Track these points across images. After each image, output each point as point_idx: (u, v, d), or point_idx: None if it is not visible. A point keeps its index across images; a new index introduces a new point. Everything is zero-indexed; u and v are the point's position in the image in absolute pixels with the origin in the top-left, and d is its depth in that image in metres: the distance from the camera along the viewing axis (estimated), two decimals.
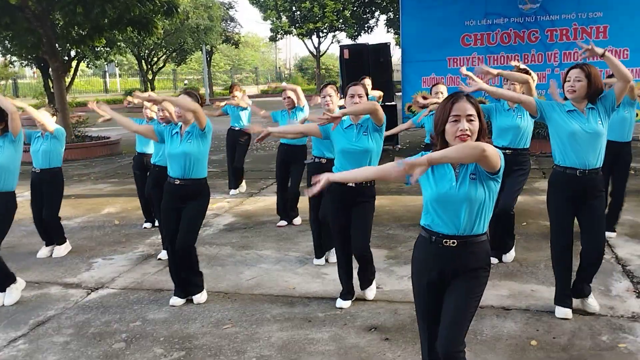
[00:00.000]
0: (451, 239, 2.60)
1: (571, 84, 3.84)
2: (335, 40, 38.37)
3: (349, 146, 4.21)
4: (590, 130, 3.84)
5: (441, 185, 2.60)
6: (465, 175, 2.57)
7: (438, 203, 2.61)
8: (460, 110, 2.52)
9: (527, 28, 12.01)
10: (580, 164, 3.89)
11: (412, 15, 12.57)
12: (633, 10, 11.23)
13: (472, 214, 2.58)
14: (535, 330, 3.91)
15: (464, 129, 2.50)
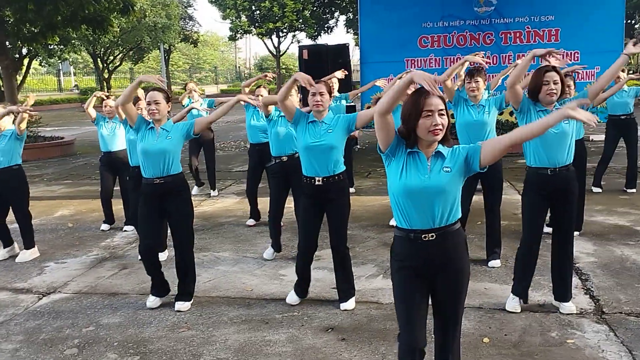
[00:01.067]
0: (430, 233, 2.62)
1: (552, 88, 3.92)
2: (295, 40, 38.35)
3: (312, 142, 4.19)
4: (557, 130, 3.95)
5: (413, 177, 2.62)
6: (440, 167, 2.62)
7: (409, 195, 2.62)
8: (433, 106, 2.57)
9: (483, 30, 12.24)
10: (551, 163, 4.03)
11: (370, 17, 12.66)
12: (583, 15, 11.58)
13: (446, 205, 2.62)
14: (488, 328, 3.99)
15: (437, 124, 2.56)
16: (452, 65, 11.87)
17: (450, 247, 2.65)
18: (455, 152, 2.67)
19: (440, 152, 2.66)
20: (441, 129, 2.59)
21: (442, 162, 2.64)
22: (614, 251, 5.52)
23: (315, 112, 4.28)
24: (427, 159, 2.64)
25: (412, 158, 2.66)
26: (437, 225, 2.62)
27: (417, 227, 2.63)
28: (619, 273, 4.94)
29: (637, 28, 38.53)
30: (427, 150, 2.66)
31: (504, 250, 5.50)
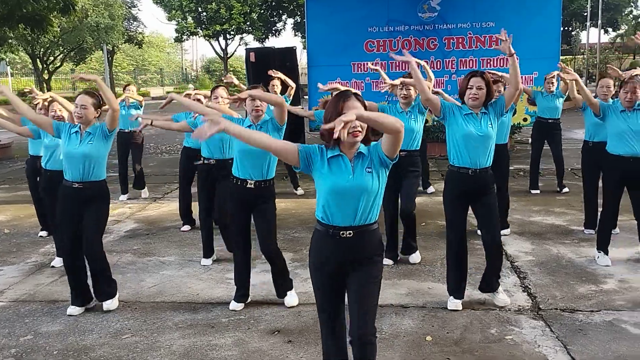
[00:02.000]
0: (347, 230, 2.74)
1: (474, 92, 4.10)
2: (243, 42, 38.17)
3: (248, 146, 4.17)
4: (482, 133, 4.14)
5: (337, 177, 2.71)
6: (362, 168, 2.73)
7: (334, 195, 2.72)
8: (351, 109, 2.62)
9: (427, 36, 12.45)
10: (472, 164, 4.18)
11: (318, 20, 12.70)
12: (521, 22, 11.94)
13: (367, 205, 2.73)
14: (431, 326, 4.09)
15: (355, 126, 2.64)
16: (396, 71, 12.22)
17: (365, 244, 2.77)
18: (373, 151, 2.79)
19: (362, 153, 2.77)
20: (360, 131, 2.68)
21: (364, 163, 2.75)
22: (550, 250, 5.74)
23: (254, 117, 4.30)
24: (350, 161, 2.74)
25: (335, 161, 2.75)
26: (357, 223, 2.74)
27: (338, 223, 2.74)
28: (555, 271, 5.15)
29: (574, 35, 40.16)
30: (349, 151, 2.76)
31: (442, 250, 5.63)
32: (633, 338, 3.81)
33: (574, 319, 4.12)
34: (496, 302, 4.38)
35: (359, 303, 2.77)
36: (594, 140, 6.14)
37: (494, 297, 4.42)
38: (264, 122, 4.30)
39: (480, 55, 12.07)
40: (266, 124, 4.28)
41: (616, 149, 5.16)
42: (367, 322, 2.76)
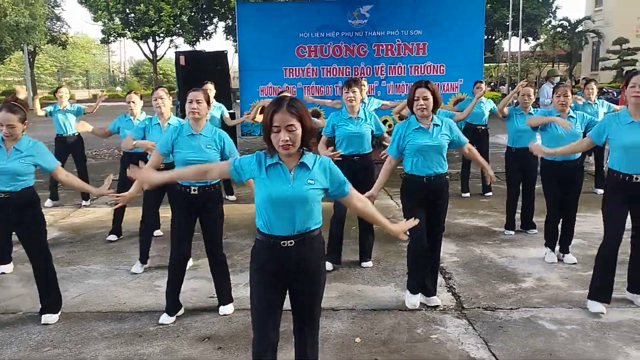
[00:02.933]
0: (289, 240, 2.70)
1: (422, 104, 4.19)
2: (173, 45, 37.51)
3: (193, 157, 4.12)
4: (435, 143, 4.26)
5: (275, 185, 2.68)
6: (303, 178, 2.69)
7: (273, 204, 2.68)
8: (280, 121, 2.60)
9: (357, 42, 12.66)
10: (427, 172, 4.30)
11: (249, 24, 12.67)
12: (447, 30, 12.35)
13: (306, 213, 2.70)
14: (360, 328, 4.17)
15: (284, 140, 2.61)
16: (328, 76, 12.37)
17: (307, 251, 2.74)
18: (325, 170, 2.75)
19: (305, 164, 2.72)
20: (290, 144, 2.63)
21: (306, 174, 2.71)
22: (474, 251, 5.97)
23: (192, 121, 4.22)
24: (289, 170, 2.71)
25: (274, 169, 2.71)
26: (297, 232, 2.71)
27: (278, 233, 2.71)
28: (478, 271, 5.36)
29: (497, 43, 41.79)
30: (288, 160, 2.72)
31: (377, 253, 5.76)
32: (548, 333, 4.02)
33: (495, 317, 4.31)
34: (428, 303, 4.51)
35: (304, 331, 2.83)
36: (516, 146, 6.40)
37: (427, 298, 4.54)
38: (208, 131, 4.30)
39: (408, 62, 12.39)
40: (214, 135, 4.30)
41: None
42: (314, 350, 2.89)
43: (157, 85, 5.56)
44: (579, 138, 5.09)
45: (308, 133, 2.68)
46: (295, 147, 2.66)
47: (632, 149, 4.08)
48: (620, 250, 4.30)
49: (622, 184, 4.16)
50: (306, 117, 2.67)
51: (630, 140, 4.09)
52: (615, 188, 4.25)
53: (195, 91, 4.24)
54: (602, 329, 4.06)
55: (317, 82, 12.57)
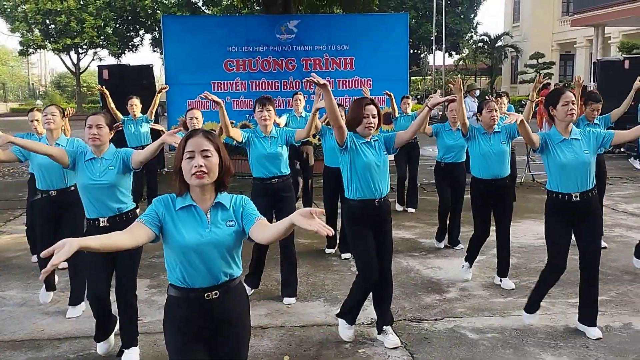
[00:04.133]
0: (213, 291, 2.41)
1: (370, 121, 3.87)
2: (97, 57, 36.43)
3: (92, 181, 3.79)
4: (380, 163, 3.96)
5: (190, 232, 2.38)
6: (222, 220, 2.42)
7: (191, 253, 2.37)
8: (195, 146, 2.36)
9: (285, 57, 12.75)
10: (373, 194, 3.95)
11: (175, 38, 12.51)
12: (373, 45, 12.64)
13: (229, 259, 2.44)
14: (288, 346, 4.16)
15: (198, 165, 2.33)
16: (256, 90, 12.34)
17: (232, 301, 2.47)
18: (238, 205, 2.48)
19: (221, 204, 2.45)
20: (205, 172, 2.34)
21: (224, 214, 2.44)
22: (400, 262, 6.08)
23: (94, 147, 3.85)
24: (205, 212, 2.42)
25: (186, 212, 2.41)
26: (221, 281, 2.43)
27: (199, 284, 2.40)
28: (404, 283, 5.46)
29: (422, 57, 43.04)
30: (203, 200, 2.43)
31: (306, 268, 5.78)
32: (470, 343, 4.15)
33: (420, 328, 4.40)
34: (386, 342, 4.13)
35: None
36: (445, 161, 6.45)
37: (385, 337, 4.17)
38: (111, 155, 3.88)
39: (336, 77, 12.57)
40: (117, 159, 3.85)
41: (479, 172, 5.21)
42: None
43: (49, 103, 5.24)
44: (507, 154, 5.17)
45: (226, 169, 2.43)
46: (210, 178, 2.36)
47: (568, 167, 3.99)
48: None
49: (562, 205, 4.05)
50: (224, 150, 2.42)
51: (566, 158, 4.00)
52: (555, 210, 4.12)
53: (95, 115, 3.88)
54: (520, 337, 4.22)
55: (245, 96, 12.54)
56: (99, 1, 31.58)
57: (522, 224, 7.40)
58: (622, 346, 4.02)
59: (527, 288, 5.09)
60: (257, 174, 5.04)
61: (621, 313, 4.60)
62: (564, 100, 4.00)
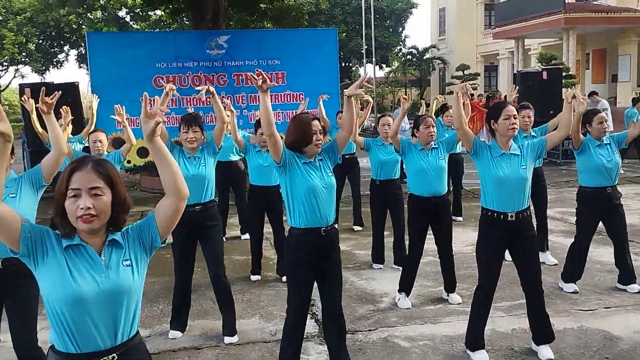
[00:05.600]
0: (110, 354, 1.98)
1: (319, 137, 3.53)
2: (19, 74, 35.04)
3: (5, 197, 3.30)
4: (328, 185, 3.57)
5: (82, 278, 1.95)
6: (118, 260, 2.03)
7: (79, 307, 1.93)
8: (81, 183, 1.94)
9: (216, 72, 12.70)
10: (323, 222, 3.56)
11: (101, 55, 12.24)
12: (304, 60, 12.78)
13: (129, 311, 2.02)
14: None
15: (85, 207, 1.92)
16: (189, 104, 12.20)
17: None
18: (133, 234, 2.10)
19: (116, 241, 2.05)
20: (95, 216, 1.94)
21: (119, 254, 2.04)
22: None
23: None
24: (98, 253, 2.01)
25: (74, 254, 1.99)
26: (119, 341, 2.00)
27: (91, 349, 1.95)
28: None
29: (353, 70, 43.80)
30: (95, 239, 2.03)
31: (241, 285, 5.76)
32: (403, 351, 4.26)
33: (355, 340, 4.48)
34: None
35: None
36: (380, 178, 6.24)
37: None
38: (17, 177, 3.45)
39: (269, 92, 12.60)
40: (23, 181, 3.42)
41: (417, 189, 5.12)
42: None
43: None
44: (444, 170, 5.12)
45: (120, 206, 2.02)
46: (100, 221, 1.98)
47: (506, 182, 3.88)
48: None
49: (497, 223, 3.93)
50: (119, 183, 2.02)
51: (504, 173, 3.88)
52: (490, 228, 4.00)
53: None
54: (450, 342, 4.37)
55: (177, 112, 12.36)
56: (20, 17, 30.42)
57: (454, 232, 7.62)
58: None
59: (459, 295, 5.27)
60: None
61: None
62: (505, 114, 3.89)
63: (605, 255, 6.06)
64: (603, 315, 4.77)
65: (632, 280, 5.31)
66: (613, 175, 5.11)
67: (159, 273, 5.84)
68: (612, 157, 5.10)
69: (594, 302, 5.06)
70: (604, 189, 5.10)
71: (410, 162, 5.16)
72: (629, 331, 4.40)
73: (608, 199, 5.13)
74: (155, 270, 5.66)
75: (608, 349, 4.13)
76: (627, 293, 5.24)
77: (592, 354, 4.07)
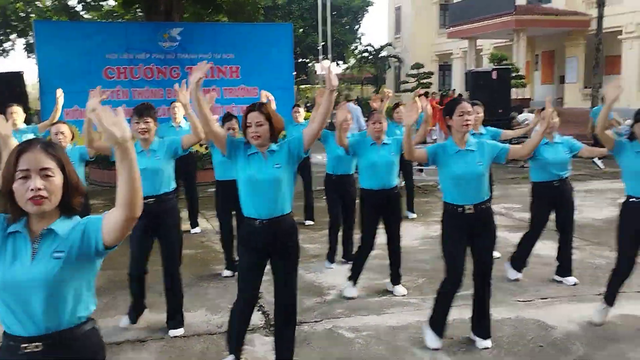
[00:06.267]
0: (33, 342, 1.93)
1: (254, 130, 3.46)
2: None
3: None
4: (267, 177, 3.50)
5: (10, 267, 1.93)
6: (47, 251, 1.95)
7: (6, 291, 1.92)
8: (31, 163, 1.91)
9: (169, 65, 12.55)
10: (260, 214, 3.54)
11: (49, 44, 11.92)
12: (259, 53, 12.76)
13: (50, 304, 1.94)
14: (169, 357, 4.14)
15: (36, 188, 1.89)
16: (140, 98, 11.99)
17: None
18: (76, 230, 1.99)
19: (53, 231, 1.97)
20: (45, 196, 1.91)
21: (53, 244, 1.96)
22: None
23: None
24: (32, 242, 1.97)
25: (11, 241, 1.97)
26: (47, 330, 1.95)
27: (17, 333, 1.95)
28: None
29: (310, 66, 43.84)
30: (40, 226, 1.98)
31: (189, 279, 5.73)
32: (347, 341, 4.34)
33: (300, 331, 4.51)
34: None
35: None
36: (336, 173, 6.19)
37: None
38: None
39: (223, 85, 12.53)
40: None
41: (368, 182, 5.20)
42: None
43: None
44: (395, 165, 5.21)
45: (72, 188, 2.00)
46: (52, 203, 1.94)
47: (463, 178, 3.99)
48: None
49: (457, 216, 4.04)
50: (69, 165, 1.99)
51: (461, 169, 3.99)
52: (451, 221, 4.09)
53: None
54: (393, 333, 4.47)
55: (128, 105, 12.11)
56: None
57: (407, 226, 7.76)
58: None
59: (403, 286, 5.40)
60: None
61: None
62: (459, 110, 3.98)
63: (543, 249, 6.28)
64: (539, 305, 4.97)
65: (569, 273, 5.54)
66: (560, 171, 5.38)
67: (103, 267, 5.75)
68: (558, 155, 5.36)
69: (531, 293, 5.26)
70: (552, 182, 5.38)
71: (362, 157, 5.26)
72: (563, 320, 4.60)
73: (559, 190, 5.41)
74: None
75: (542, 338, 4.31)
76: (563, 285, 5.47)
77: (527, 343, 4.24)
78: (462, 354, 4.10)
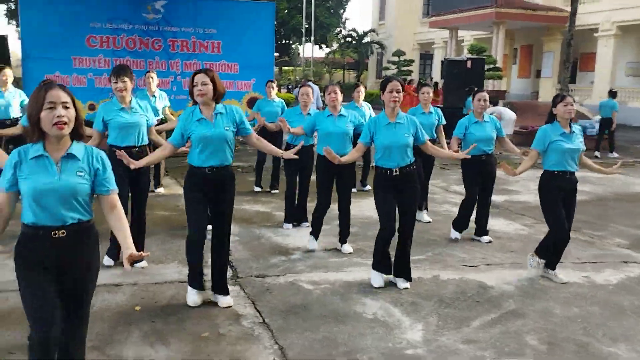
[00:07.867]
0: (60, 230, 2.66)
1: (200, 88, 4.11)
2: None
3: None
4: (217, 135, 4.19)
5: (41, 180, 2.63)
6: (71, 169, 2.67)
7: (40, 197, 2.62)
8: (56, 97, 2.59)
9: (152, 36, 12.68)
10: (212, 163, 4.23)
11: (33, 9, 11.98)
12: (240, 31, 12.97)
13: (75, 205, 2.68)
14: (141, 299, 4.52)
15: (60, 115, 2.57)
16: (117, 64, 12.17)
17: (81, 245, 2.75)
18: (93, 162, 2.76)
19: (73, 155, 2.71)
20: (66, 122, 2.61)
21: (75, 165, 2.70)
22: (254, 231, 6.60)
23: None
24: (56, 162, 2.67)
25: (38, 161, 2.66)
26: (69, 222, 2.68)
27: (48, 223, 2.66)
28: (255, 247, 5.99)
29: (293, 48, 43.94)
30: (57, 149, 2.68)
31: (162, 236, 6.10)
32: (306, 292, 4.77)
33: (263, 282, 4.95)
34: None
35: (74, 322, 2.82)
36: (295, 143, 6.16)
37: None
38: None
39: (204, 60, 12.70)
40: None
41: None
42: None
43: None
44: (348, 135, 5.78)
45: (80, 120, 2.70)
46: (69, 128, 2.64)
47: (390, 147, 4.70)
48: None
49: (385, 177, 4.75)
50: (77, 102, 2.71)
51: (389, 139, 4.70)
52: (381, 182, 4.80)
53: None
54: (348, 287, 4.91)
55: (109, 74, 12.30)
56: None
57: (367, 199, 8.20)
58: (428, 292, 4.84)
59: (362, 251, 5.86)
60: (112, 141, 5.13)
61: (432, 268, 5.45)
62: (389, 87, 4.70)
63: (497, 225, 6.79)
64: (483, 270, 5.45)
65: (485, 233, 6.46)
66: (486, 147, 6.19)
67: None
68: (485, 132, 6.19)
69: (478, 260, 5.74)
70: (480, 157, 6.13)
71: (320, 127, 5.84)
72: (501, 282, 5.09)
73: (485, 164, 6.23)
74: None
75: (480, 295, 4.79)
76: (507, 253, 5.97)
77: (467, 299, 4.71)
78: (408, 305, 4.56)
